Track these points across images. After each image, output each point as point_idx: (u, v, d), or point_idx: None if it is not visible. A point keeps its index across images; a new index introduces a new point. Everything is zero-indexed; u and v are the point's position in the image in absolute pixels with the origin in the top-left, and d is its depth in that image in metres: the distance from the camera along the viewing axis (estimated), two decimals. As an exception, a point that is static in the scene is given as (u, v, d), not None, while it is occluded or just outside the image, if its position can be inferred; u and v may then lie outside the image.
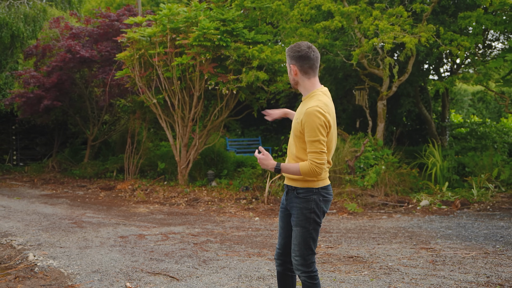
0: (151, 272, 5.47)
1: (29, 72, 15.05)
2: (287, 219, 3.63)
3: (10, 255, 6.39)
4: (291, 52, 3.47)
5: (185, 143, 12.61)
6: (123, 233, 7.65)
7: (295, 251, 3.50)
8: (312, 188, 3.47)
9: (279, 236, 3.71)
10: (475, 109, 22.19)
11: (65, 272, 5.54)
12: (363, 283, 4.95)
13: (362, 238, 7.16)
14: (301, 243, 3.48)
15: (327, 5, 10.61)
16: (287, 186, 3.58)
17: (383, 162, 10.67)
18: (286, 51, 3.48)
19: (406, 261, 5.78)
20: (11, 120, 19.18)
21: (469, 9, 11.59)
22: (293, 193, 3.51)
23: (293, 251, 3.51)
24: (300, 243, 3.48)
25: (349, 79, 13.76)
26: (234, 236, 7.48)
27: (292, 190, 3.52)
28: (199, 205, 10.66)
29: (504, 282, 4.88)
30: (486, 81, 11.30)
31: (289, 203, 3.55)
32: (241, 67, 11.19)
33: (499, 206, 9.26)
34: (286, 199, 3.58)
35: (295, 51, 3.46)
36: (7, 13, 16.97)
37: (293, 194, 3.50)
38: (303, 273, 3.50)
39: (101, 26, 14.81)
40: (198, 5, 11.47)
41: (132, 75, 12.37)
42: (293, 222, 3.50)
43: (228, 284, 5.02)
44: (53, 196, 12.32)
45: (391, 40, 9.94)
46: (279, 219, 3.71)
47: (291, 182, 3.54)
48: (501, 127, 15.01)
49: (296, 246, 3.49)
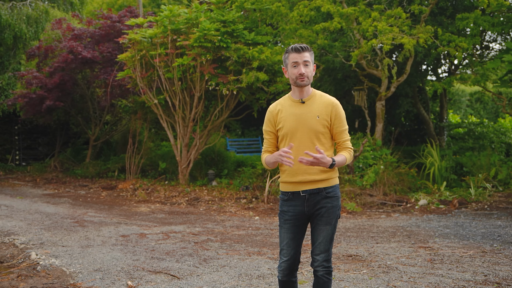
0: (152, 271, 5.48)
1: (31, 73, 15.10)
2: (302, 228, 3.62)
3: (13, 254, 6.40)
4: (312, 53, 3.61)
5: (186, 143, 12.66)
6: (125, 232, 7.66)
7: (320, 249, 3.53)
8: (338, 185, 3.62)
9: (288, 247, 3.59)
10: (472, 110, 22.12)
11: (67, 271, 5.55)
12: (362, 282, 4.96)
13: (361, 237, 7.16)
14: (328, 240, 3.55)
15: (327, 6, 10.62)
16: (308, 191, 3.53)
17: (382, 162, 10.69)
18: (311, 51, 3.57)
19: (405, 259, 5.79)
20: (14, 120, 19.23)
21: (466, 10, 11.56)
22: (319, 195, 3.52)
23: (317, 249, 3.54)
24: (328, 240, 3.54)
25: (348, 80, 13.74)
26: (234, 235, 7.49)
27: (316, 194, 3.52)
28: (200, 204, 10.69)
29: (502, 281, 4.89)
30: (483, 82, 11.28)
31: (314, 206, 3.53)
32: (241, 68, 11.24)
33: (497, 206, 9.28)
34: (308, 205, 3.53)
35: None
36: (10, 15, 17.00)
37: (321, 196, 3.52)
38: (326, 269, 3.54)
39: (102, 28, 14.87)
40: (199, 7, 11.50)
41: (134, 76, 12.42)
42: (322, 222, 3.53)
43: (229, 282, 5.03)
44: (55, 196, 12.35)
45: (390, 41, 9.94)
46: (288, 231, 3.60)
47: (314, 184, 3.53)
48: (499, 127, 14.95)
49: (323, 244, 3.53)
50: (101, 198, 12.03)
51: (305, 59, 3.49)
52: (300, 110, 3.55)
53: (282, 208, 3.62)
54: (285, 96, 3.68)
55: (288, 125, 3.54)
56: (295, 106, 3.57)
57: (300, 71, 3.49)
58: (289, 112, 3.56)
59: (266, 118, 3.66)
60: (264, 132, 3.68)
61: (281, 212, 3.62)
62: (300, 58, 3.49)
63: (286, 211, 3.58)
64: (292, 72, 3.52)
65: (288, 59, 3.54)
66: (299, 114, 3.54)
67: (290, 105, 3.59)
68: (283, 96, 3.71)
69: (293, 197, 3.56)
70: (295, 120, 3.53)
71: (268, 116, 3.64)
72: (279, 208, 3.65)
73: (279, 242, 3.66)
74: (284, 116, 3.56)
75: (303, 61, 3.49)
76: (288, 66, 3.56)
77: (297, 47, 3.51)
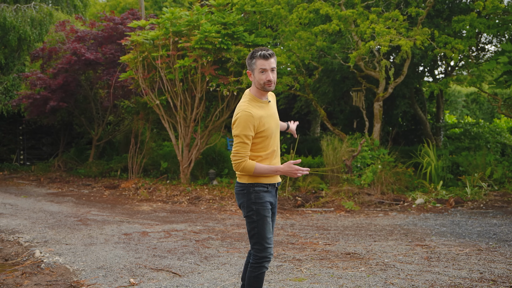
0: (154, 268, 5.51)
1: (35, 74, 15.19)
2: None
3: (17, 252, 6.46)
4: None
5: (187, 143, 12.74)
6: (127, 231, 7.70)
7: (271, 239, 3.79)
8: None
9: (271, 233, 3.78)
10: (468, 110, 22.08)
11: (71, 268, 5.58)
12: (360, 279, 4.99)
13: (359, 235, 7.19)
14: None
15: (325, 9, 10.61)
16: (279, 183, 3.88)
17: (380, 162, 10.70)
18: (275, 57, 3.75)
19: (402, 257, 5.83)
20: (18, 121, 19.31)
21: (463, 13, 11.53)
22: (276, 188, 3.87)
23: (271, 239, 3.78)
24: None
25: (346, 81, 13.71)
26: (234, 233, 7.52)
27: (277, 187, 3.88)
28: (201, 203, 10.73)
29: (497, 278, 4.93)
30: (479, 83, 11.28)
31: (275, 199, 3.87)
32: (241, 69, 11.29)
33: (492, 204, 9.29)
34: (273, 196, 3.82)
35: None
36: (14, 17, 17.08)
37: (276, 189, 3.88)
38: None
39: (105, 30, 14.95)
40: (200, 9, 11.58)
41: (136, 77, 12.52)
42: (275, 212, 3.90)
43: (229, 280, 5.05)
44: (59, 195, 12.41)
45: (387, 43, 9.90)
46: (269, 220, 3.78)
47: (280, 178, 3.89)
48: (494, 128, 14.82)
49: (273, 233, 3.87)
50: (104, 197, 12.10)
51: (272, 66, 3.64)
52: (270, 110, 3.78)
53: (263, 199, 3.72)
54: (249, 99, 3.72)
55: (269, 126, 3.71)
56: (266, 108, 3.75)
57: (269, 77, 3.63)
58: (266, 114, 3.71)
59: (248, 122, 3.60)
60: (245, 137, 3.61)
61: (264, 203, 3.72)
62: (268, 65, 3.62)
63: (268, 201, 3.76)
64: (260, 78, 3.64)
65: (256, 65, 3.65)
66: (273, 114, 3.78)
67: (263, 108, 3.72)
68: (246, 100, 3.73)
69: (271, 189, 3.79)
70: (272, 121, 3.75)
71: (251, 121, 3.60)
72: (259, 200, 3.70)
73: (263, 232, 3.70)
74: (264, 119, 3.68)
75: (270, 68, 3.63)
76: (254, 71, 3.67)
77: (265, 54, 3.62)
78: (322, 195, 10.40)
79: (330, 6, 10.95)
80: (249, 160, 3.65)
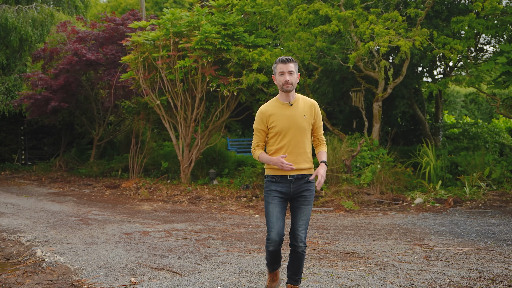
0: (155, 268, 5.51)
1: (37, 74, 15.24)
2: (285, 205, 4.22)
3: (19, 251, 6.48)
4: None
5: (188, 143, 12.79)
6: (128, 230, 7.73)
7: (302, 226, 4.16)
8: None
9: (278, 220, 4.13)
10: (467, 110, 22.06)
11: (72, 268, 5.59)
12: (359, 278, 5.00)
13: (358, 234, 7.20)
14: (308, 219, 4.21)
15: (325, 10, 10.65)
16: (295, 176, 4.15)
17: (379, 161, 10.72)
18: (296, 63, 4.19)
19: (401, 257, 5.83)
20: (20, 121, 19.38)
21: (461, 13, 11.55)
22: (303, 180, 4.18)
23: (301, 226, 4.16)
24: (308, 219, 4.21)
25: (345, 81, 13.69)
26: (235, 232, 7.53)
27: (300, 179, 4.17)
28: (201, 203, 10.76)
29: (496, 277, 4.94)
30: (478, 83, 11.32)
31: (298, 189, 4.16)
32: (241, 70, 11.36)
33: (491, 204, 9.31)
34: (293, 187, 4.15)
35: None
36: (16, 18, 17.14)
37: (304, 181, 4.18)
38: (304, 245, 4.19)
39: (106, 30, 14.99)
40: (200, 10, 11.63)
41: (137, 78, 12.57)
42: (305, 202, 4.18)
43: (229, 279, 5.05)
44: (60, 194, 12.44)
45: (386, 44, 9.95)
46: (276, 205, 4.17)
47: (302, 172, 4.17)
48: (493, 128, 14.80)
49: (304, 222, 4.18)
50: (105, 196, 12.13)
51: (290, 69, 4.12)
52: (289, 111, 4.20)
53: (269, 188, 4.21)
54: (273, 100, 4.30)
55: (281, 124, 4.16)
56: (285, 108, 4.21)
57: (286, 78, 4.12)
58: (280, 113, 4.19)
59: (258, 117, 4.25)
60: (256, 129, 4.27)
61: (269, 191, 4.21)
62: (286, 68, 4.12)
63: (274, 189, 4.19)
64: (279, 80, 4.16)
65: (276, 69, 4.17)
66: (290, 115, 4.19)
67: (279, 108, 4.22)
68: (271, 100, 4.33)
69: (281, 180, 4.18)
70: (286, 120, 4.17)
71: (261, 116, 4.24)
72: (266, 189, 4.24)
73: (268, 217, 4.17)
74: (276, 117, 4.18)
75: (288, 71, 4.12)
76: (276, 74, 4.19)
77: (283, 59, 4.14)
78: (321, 195, 10.44)
79: (330, 7, 10.98)
80: (258, 149, 4.26)
